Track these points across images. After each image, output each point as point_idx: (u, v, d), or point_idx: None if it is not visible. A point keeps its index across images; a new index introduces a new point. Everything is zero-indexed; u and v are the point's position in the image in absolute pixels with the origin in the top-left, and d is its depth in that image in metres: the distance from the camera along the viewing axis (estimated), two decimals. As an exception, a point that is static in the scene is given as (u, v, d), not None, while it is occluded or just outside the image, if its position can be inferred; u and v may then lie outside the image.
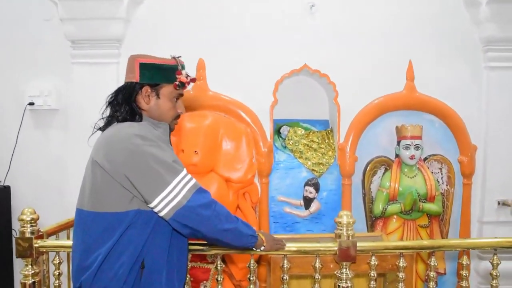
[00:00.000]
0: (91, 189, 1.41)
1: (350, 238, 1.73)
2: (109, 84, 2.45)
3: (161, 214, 1.36)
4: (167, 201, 1.35)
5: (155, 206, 1.36)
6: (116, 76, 2.72)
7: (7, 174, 2.93)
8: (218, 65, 2.70)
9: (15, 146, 2.88)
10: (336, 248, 1.74)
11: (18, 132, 2.88)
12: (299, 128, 2.80)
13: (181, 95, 1.57)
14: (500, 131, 2.85)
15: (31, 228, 1.80)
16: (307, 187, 2.67)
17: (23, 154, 2.91)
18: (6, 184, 2.93)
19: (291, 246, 1.74)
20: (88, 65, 2.73)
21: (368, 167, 2.74)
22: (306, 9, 2.75)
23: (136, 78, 1.49)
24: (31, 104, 2.88)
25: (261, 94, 2.69)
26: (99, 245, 1.38)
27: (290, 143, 2.77)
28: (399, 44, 2.76)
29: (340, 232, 1.73)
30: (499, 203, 2.86)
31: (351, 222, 1.72)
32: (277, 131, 2.81)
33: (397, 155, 2.74)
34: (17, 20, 2.89)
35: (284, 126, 2.82)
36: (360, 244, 1.75)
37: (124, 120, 1.47)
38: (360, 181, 2.75)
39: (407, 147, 2.66)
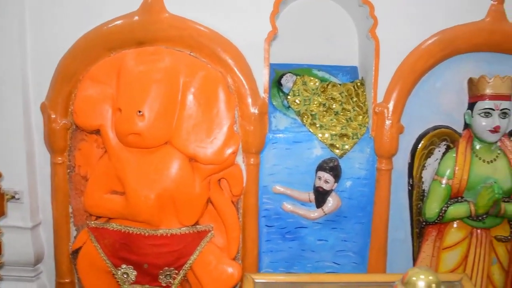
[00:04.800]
0: None
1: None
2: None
3: None
4: None
5: None
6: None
7: None
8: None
9: None
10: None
11: None
12: (312, 78, 2.17)
13: None
14: None
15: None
16: (321, 173, 2.05)
17: None
18: None
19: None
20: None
21: (421, 144, 2.12)
22: None
23: None
24: None
25: (250, 20, 2.05)
26: None
27: (297, 101, 2.12)
28: None
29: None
30: None
31: None
32: (277, 82, 2.20)
33: (467, 126, 2.12)
34: None
35: (288, 74, 2.19)
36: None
37: None
38: (406, 165, 2.15)
39: (486, 114, 2.03)
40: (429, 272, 0.89)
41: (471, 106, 2.07)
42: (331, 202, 2.06)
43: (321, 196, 2.05)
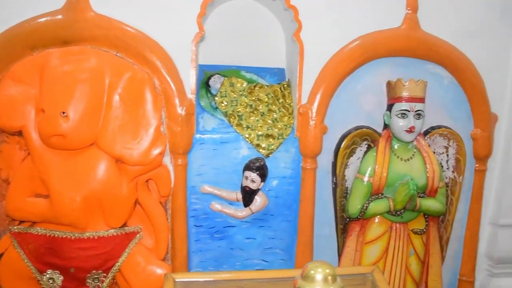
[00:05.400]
0: None
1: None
2: None
3: None
4: None
5: None
6: None
7: None
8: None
9: None
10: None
11: None
12: (239, 80, 2.19)
13: None
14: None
15: None
16: (248, 173, 2.08)
17: None
18: None
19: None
20: None
21: (343, 144, 2.19)
22: None
23: None
24: None
25: (177, 21, 2.04)
26: None
27: (224, 102, 2.14)
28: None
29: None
30: (523, 199, 2.43)
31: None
32: (204, 83, 2.20)
33: (386, 126, 2.22)
34: None
35: (216, 76, 2.20)
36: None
37: None
38: (330, 164, 2.21)
39: (403, 115, 2.13)
40: (326, 265, 0.95)
41: (389, 107, 2.15)
42: (258, 201, 2.09)
43: (248, 195, 2.08)
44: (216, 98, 2.11)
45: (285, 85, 2.18)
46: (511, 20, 2.29)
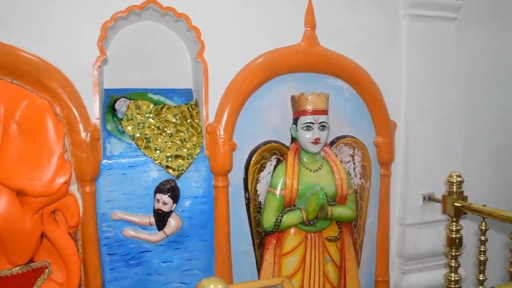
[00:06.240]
0: None
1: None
2: None
3: None
4: None
5: None
6: None
7: None
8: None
9: None
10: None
11: None
12: (146, 102, 2.16)
13: None
14: (423, 101, 2.59)
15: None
16: (159, 195, 2.05)
17: None
18: None
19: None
20: None
21: (253, 159, 2.22)
22: None
23: None
24: None
25: (77, 45, 1.99)
26: None
27: (131, 126, 2.10)
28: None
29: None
30: (424, 198, 2.61)
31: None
32: (110, 107, 2.14)
33: (293, 139, 2.28)
34: None
35: (122, 99, 2.14)
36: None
37: None
38: (241, 180, 2.22)
39: (308, 127, 2.20)
40: (218, 281, 0.96)
41: (295, 121, 2.22)
42: (172, 224, 2.05)
43: (161, 218, 2.04)
44: (123, 122, 2.06)
45: (193, 105, 2.18)
46: (397, 36, 2.49)
